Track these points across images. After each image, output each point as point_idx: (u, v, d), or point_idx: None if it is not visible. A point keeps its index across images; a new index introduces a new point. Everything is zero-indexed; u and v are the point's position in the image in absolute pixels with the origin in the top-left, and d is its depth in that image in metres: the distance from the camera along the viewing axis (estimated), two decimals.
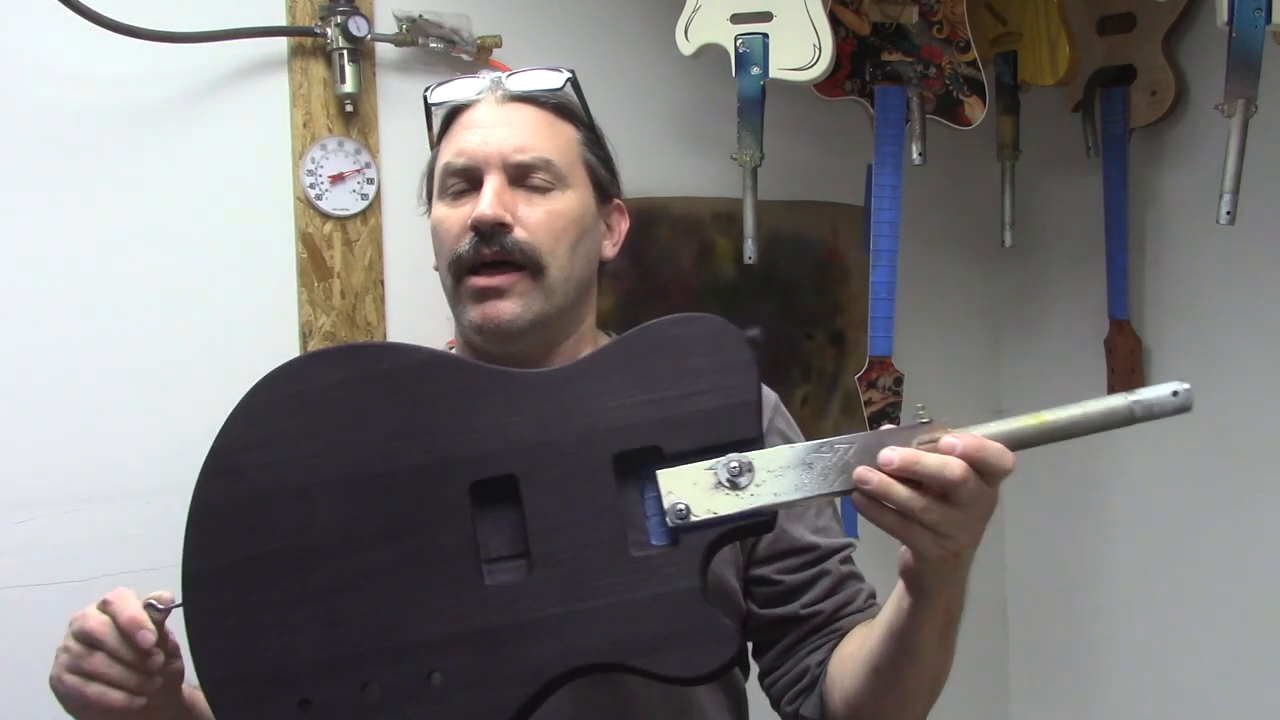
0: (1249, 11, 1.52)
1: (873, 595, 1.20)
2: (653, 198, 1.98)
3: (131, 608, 0.94)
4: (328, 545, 0.89)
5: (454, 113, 1.18)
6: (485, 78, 1.18)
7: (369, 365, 0.92)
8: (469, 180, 1.13)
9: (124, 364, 1.67)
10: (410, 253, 1.80)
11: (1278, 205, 1.92)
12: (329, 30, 1.74)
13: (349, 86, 1.76)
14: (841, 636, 1.14)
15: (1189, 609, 2.13)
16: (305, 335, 1.78)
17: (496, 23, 1.87)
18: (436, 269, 1.18)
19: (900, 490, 0.87)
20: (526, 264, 1.11)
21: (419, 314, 1.80)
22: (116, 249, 1.67)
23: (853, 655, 1.09)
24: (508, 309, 1.10)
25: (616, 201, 1.22)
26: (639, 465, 0.90)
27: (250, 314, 1.75)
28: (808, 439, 1.19)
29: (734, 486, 0.89)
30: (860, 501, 0.89)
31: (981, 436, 0.90)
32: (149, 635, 0.92)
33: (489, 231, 1.09)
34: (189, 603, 0.90)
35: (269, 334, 1.76)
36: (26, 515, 1.61)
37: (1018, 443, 0.91)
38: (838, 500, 1.19)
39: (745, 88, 1.78)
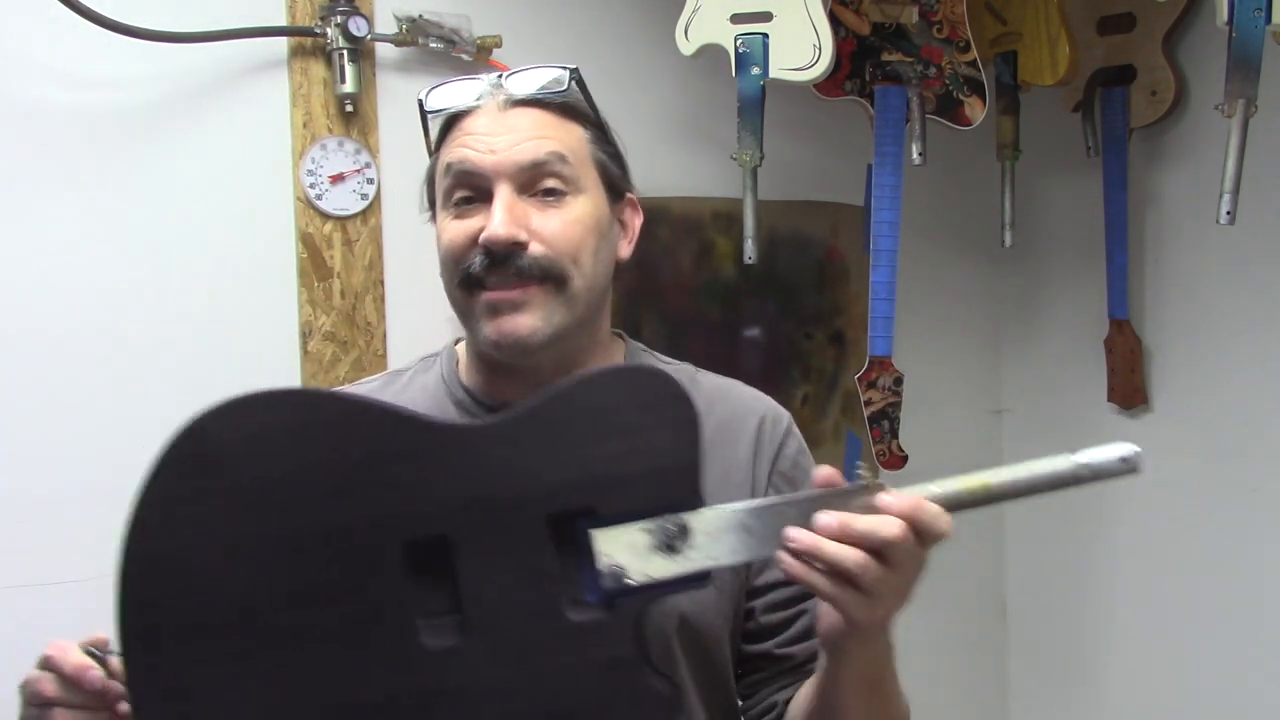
0: (1249, 11, 1.52)
1: None
2: (653, 198, 1.95)
3: (72, 656, 0.92)
4: (261, 605, 0.86)
5: (453, 118, 1.10)
6: (484, 80, 1.10)
7: (298, 417, 0.88)
8: (474, 190, 1.06)
9: (124, 364, 1.67)
10: (410, 253, 1.80)
11: (1278, 205, 1.92)
12: (329, 30, 1.74)
13: (349, 86, 1.76)
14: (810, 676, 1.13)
15: (1189, 609, 2.13)
16: (305, 335, 1.78)
17: (496, 23, 1.87)
18: (441, 278, 1.12)
19: (831, 547, 0.85)
20: (547, 277, 1.03)
21: (419, 314, 1.80)
22: (116, 249, 1.67)
23: (798, 702, 1.08)
24: (526, 323, 1.03)
25: (629, 197, 1.16)
26: (574, 523, 0.88)
27: (250, 314, 1.75)
28: (807, 441, 1.19)
29: (670, 549, 0.87)
30: (789, 562, 0.86)
31: (920, 497, 0.87)
32: (96, 674, 0.91)
33: (502, 253, 1.02)
34: (126, 664, 0.88)
35: (269, 334, 1.76)
36: (27, 515, 1.61)
37: (956, 504, 0.88)
38: None
39: (745, 88, 1.78)
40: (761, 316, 2.17)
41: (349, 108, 1.78)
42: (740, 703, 1.17)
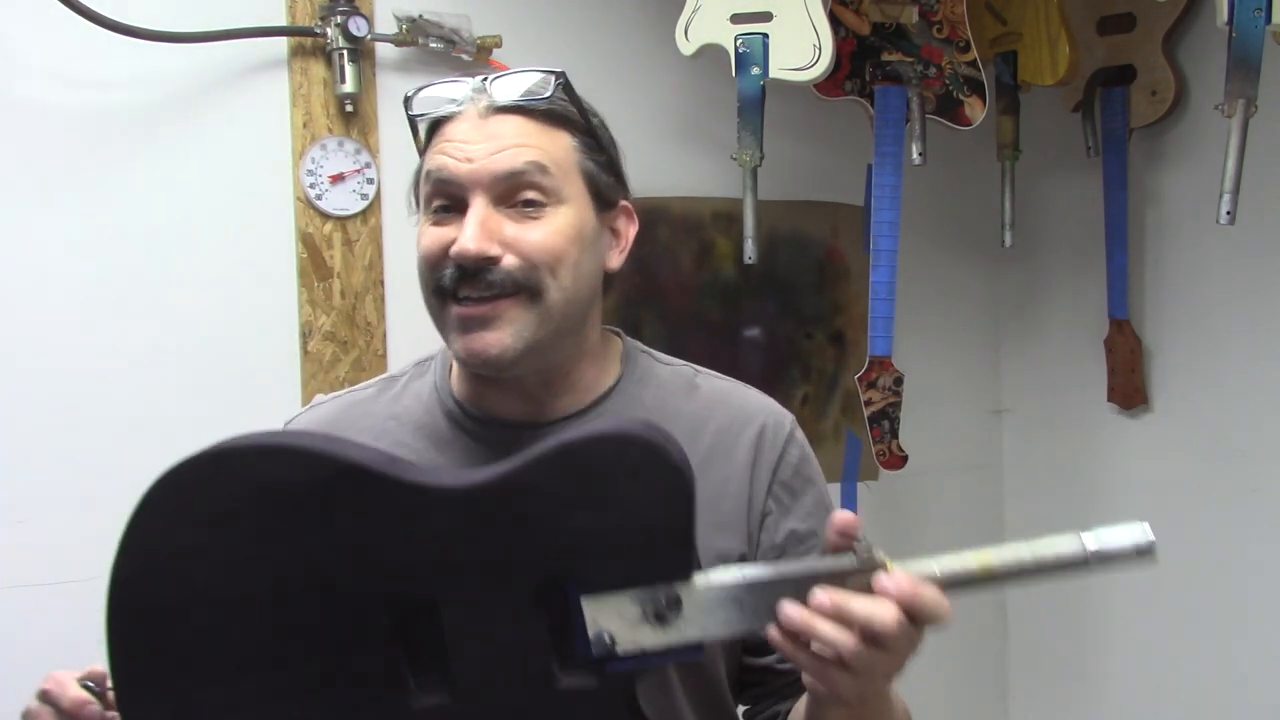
0: (1249, 11, 1.52)
1: None
2: (653, 198, 1.99)
3: (71, 691, 0.93)
4: (249, 657, 0.85)
5: (437, 122, 1.06)
6: (467, 84, 1.05)
7: (290, 473, 0.85)
8: (450, 199, 1.02)
9: (124, 363, 1.67)
10: (410, 253, 1.77)
11: (1278, 205, 1.92)
12: (329, 30, 1.74)
13: (349, 86, 1.76)
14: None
15: (1189, 609, 2.13)
16: (305, 335, 1.78)
17: (496, 23, 1.87)
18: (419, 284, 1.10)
19: (824, 627, 0.82)
20: (520, 290, 1.00)
21: (419, 314, 1.76)
22: (116, 249, 1.67)
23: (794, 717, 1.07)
24: (495, 340, 1.00)
25: (623, 204, 1.12)
26: (564, 589, 0.86)
27: (250, 314, 1.75)
28: (807, 438, 1.18)
29: (660, 620, 0.85)
30: (778, 639, 0.84)
31: (919, 579, 0.84)
32: (94, 709, 0.92)
33: (472, 267, 0.99)
34: (119, 705, 0.88)
35: (269, 334, 1.76)
36: (26, 515, 1.61)
37: (956, 585, 0.86)
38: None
39: (745, 88, 1.78)
40: (761, 316, 2.17)
41: (349, 108, 1.78)
42: (741, 711, 1.17)
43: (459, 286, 1.00)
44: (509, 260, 1.00)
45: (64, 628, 1.60)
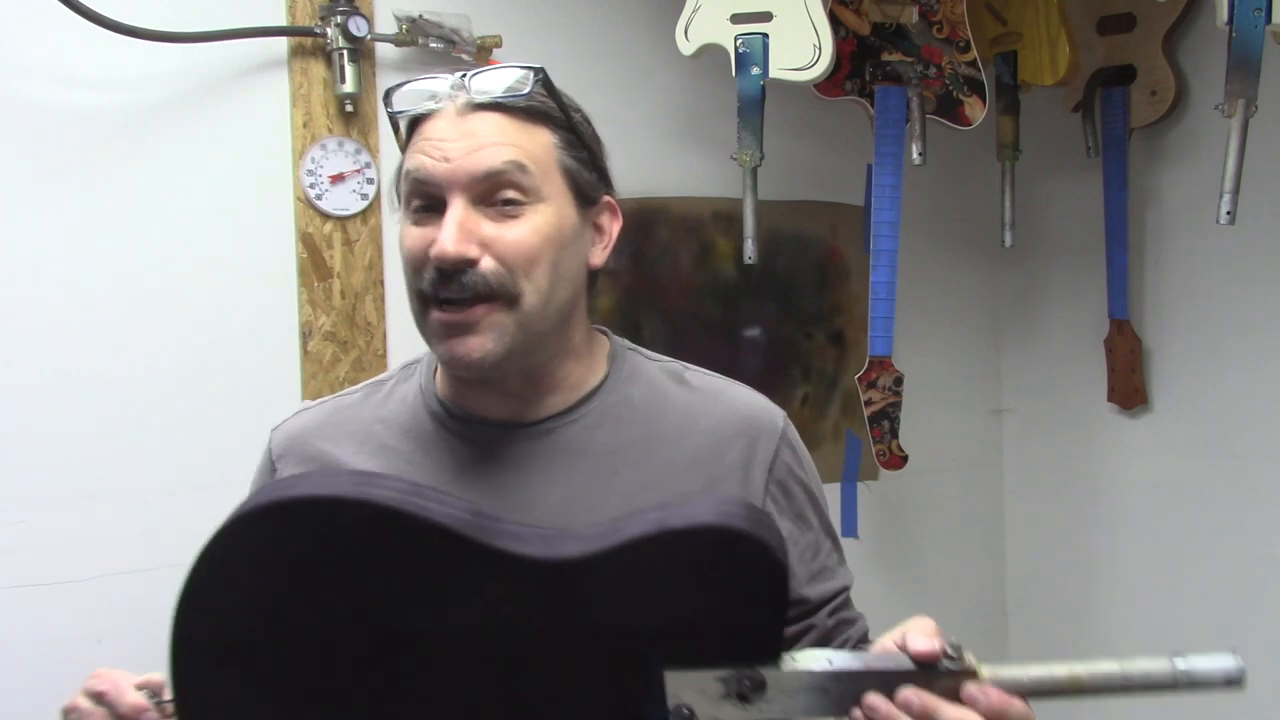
0: (1249, 11, 1.52)
1: (864, 636, 1.15)
2: (653, 198, 1.98)
3: (130, 696, 0.90)
4: (319, 697, 0.85)
5: (417, 119, 1.06)
6: (445, 80, 1.04)
7: (364, 529, 0.83)
8: (429, 199, 1.01)
9: (123, 364, 1.67)
10: None
11: (1278, 205, 1.92)
12: (329, 30, 1.74)
13: (349, 86, 1.76)
14: (838, 630, 1.11)
15: (1189, 608, 2.13)
16: (305, 335, 1.78)
17: (496, 23, 1.87)
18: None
19: None
20: (497, 295, 0.99)
21: None
22: (116, 249, 1.67)
23: None
24: (476, 345, 0.99)
25: (606, 200, 1.10)
26: (647, 659, 0.86)
27: (250, 314, 1.75)
28: (807, 441, 1.17)
29: (743, 700, 0.85)
30: None
31: (1007, 694, 0.84)
32: (152, 716, 0.89)
33: (450, 270, 0.98)
34: (180, 712, 0.86)
35: (269, 334, 1.76)
36: (26, 515, 1.61)
37: (1045, 695, 0.85)
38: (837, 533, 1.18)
39: (745, 88, 1.78)
40: (761, 316, 2.17)
41: (349, 108, 1.78)
42: None
43: (438, 290, 1.00)
44: (486, 263, 0.99)
45: (64, 628, 1.61)
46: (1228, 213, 1.59)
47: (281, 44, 1.76)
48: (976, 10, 2.01)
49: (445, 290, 0.99)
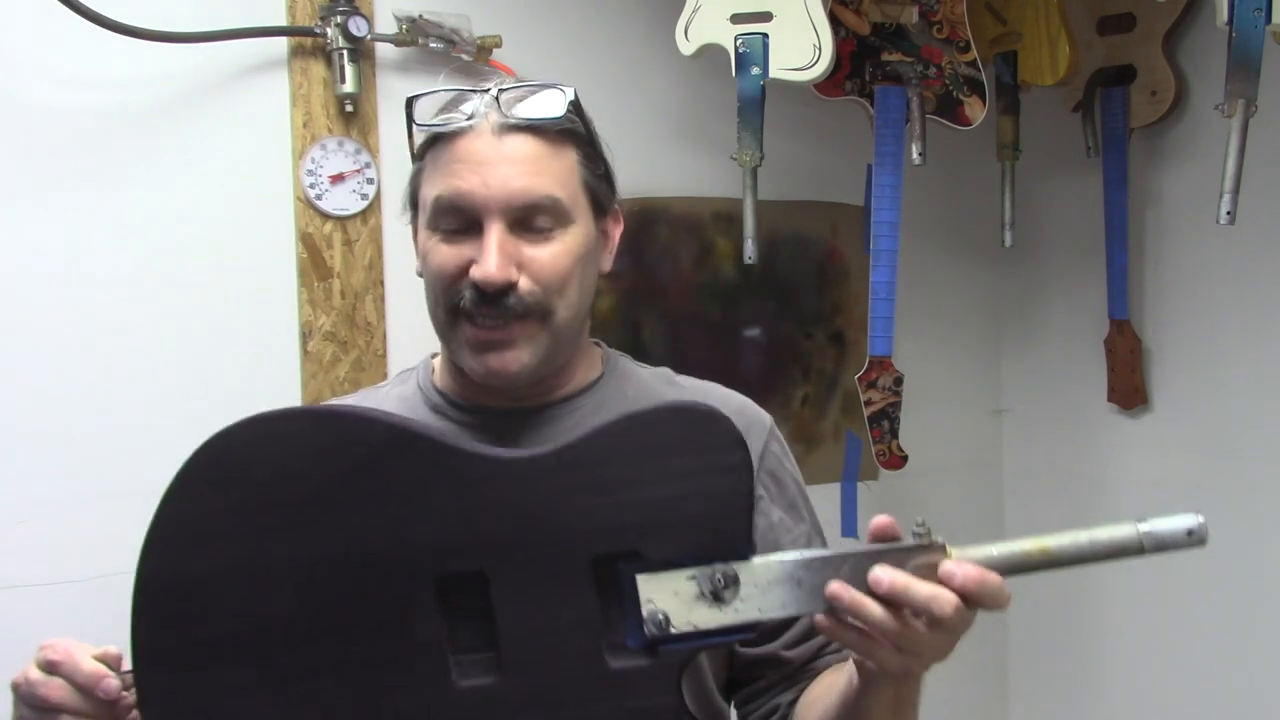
0: (1249, 11, 1.52)
1: None
2: (653, 198, 1.98)
3: (87, 665, 0.89)
4: (287, 632, 0.83)
5: (445, 133, 1.05)
6: (479, 98, 1.04)
7: (332, 436, 0.84)
8: (464, 221, 1.02)
9: (124, 363, 1.67)
10: (410, 253, 1.78)
11: (1278, 205, 1.92)
12: (329, 30, 1.74)
13: (349, 86, 1.76)
14: (815, 676, 1.11)
15: (1189, 609, 2.13)
16: (305, 335, 1.78)
17: (496, 23, 1.87)
18: (425, 294, 1.10)
19: (873, 609, 0.83)
20: (531, 314, 1.02)
21: (419, 314, 1.77)
22: (116, 249, 1.67)
23: (813, 704, 1.07)
24: (513, 360, 1.03)
25: (613, 208, 1.13)
26: (617, 567, 0.85)
27: (250, 314, 1.75)
28: (807, 441, 1.18)
29: (716, 599, 0.84)
30: (826, 623, 0.85)
31: (981, 566, 0.85)
32: (113, 683, 0.88)
33: (494, 294, 1.00)
34: (142, 684, 0.85)
35: (269, 334, 1.77)
36: (26, 515, 1.61)
37: (1015, 569, 0.86)
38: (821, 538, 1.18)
39: (745, 88, 1.78)
40: (761, 316, 2.17)
41: (349, 108, 1.78)
42: (740, 710, 1.17)
43: (477, 309, 1.02)
44: (524, 284, 1.02)
45: (64, 628, 1.61)
46: (1228, 213, 1.59)
47: (281, 44, 1.76)
48: (976, 10, 2.01)
49: (485, 310, 1.01)
